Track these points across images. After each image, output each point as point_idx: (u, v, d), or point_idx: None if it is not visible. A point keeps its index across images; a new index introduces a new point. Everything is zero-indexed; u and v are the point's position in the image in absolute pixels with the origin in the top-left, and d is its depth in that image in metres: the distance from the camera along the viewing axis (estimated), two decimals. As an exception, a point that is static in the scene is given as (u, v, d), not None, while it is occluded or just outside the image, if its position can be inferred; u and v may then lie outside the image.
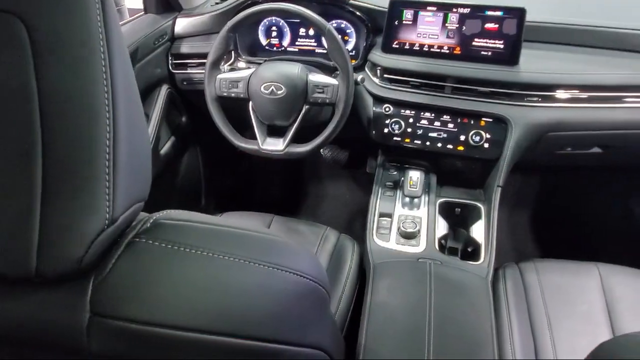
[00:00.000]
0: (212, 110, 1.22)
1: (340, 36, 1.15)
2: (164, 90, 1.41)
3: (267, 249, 0.47)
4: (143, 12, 1.40)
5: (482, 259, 1.09)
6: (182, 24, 1.42)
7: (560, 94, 1.15)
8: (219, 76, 1.20)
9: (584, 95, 1.15)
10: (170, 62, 1.43)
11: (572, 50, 1.22)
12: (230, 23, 1.15)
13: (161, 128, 1.39)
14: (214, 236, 0.45)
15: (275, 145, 1.20)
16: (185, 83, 1.45)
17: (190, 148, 1.65)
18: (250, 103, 1.20)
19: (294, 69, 1.16)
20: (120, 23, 0.40)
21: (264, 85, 1.15)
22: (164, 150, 1.43)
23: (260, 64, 1.22)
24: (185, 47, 1.42)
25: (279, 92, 1.14)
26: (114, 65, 0.38)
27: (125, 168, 0.39)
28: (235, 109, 1.26)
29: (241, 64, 1.38)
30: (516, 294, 1.06)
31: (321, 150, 1.90)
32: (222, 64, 1.26)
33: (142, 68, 1.31)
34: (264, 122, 1.22)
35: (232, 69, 1.28)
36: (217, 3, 1.43)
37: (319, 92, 1.15)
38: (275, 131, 1.24)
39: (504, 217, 1.79)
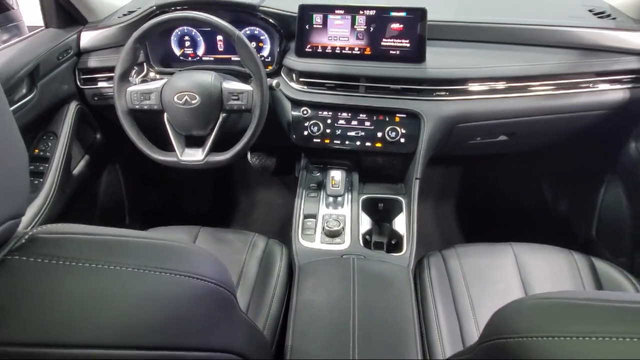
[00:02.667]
0: (124, 124, 1.18)
1: (251, 42, 1.15)
2: (72, 106, 1.34)
3: (159, 255, 0.46)
4: (43, 27, 1.33)
5: (404, 250, 1.13)
6: (88, 38, 1.36)
7: (465, 87, 1.22)
8: (129, 89, 1.16)
9: (488, 87, 1.23)
10: (78, 77, 1.37)
11: (473, 46, 1.29)
12: (135, 34, 1.12)
13: (72, 147, 1.32)
14: (99, 246, 0.43)
15: (194, 156, 1.18)
16: (96, 98, 1.39)
17: (109, 165, 1.58)
18: (165, 114, 1.17)
19: (207, 77, 1.15)
20: (18, 39, 0.37)
21: (177, 95, 1.13)
22: (77, 169, 1.36)
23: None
24: (93, 61, 1.36)
25: (193, 102, 1.12)
26: None
27: None
28: (152, 121, 1.22)
29: (154, 76, 1.34)
30: (440, 281, 1.10)
31: (249, 158, 1.88)
32: (133, 76, 1.22)
33: (46, 85, 1.24)
34: (181, 133, 1.20)
35: (144, 81, 1.24)
36: (124, 15, 1.39)
37: (234, 99, 1.15)
38: (195, 141, 1.22)
39: (430, 208, 1.86)
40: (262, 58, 1.38)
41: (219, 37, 1.38)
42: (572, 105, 1.25)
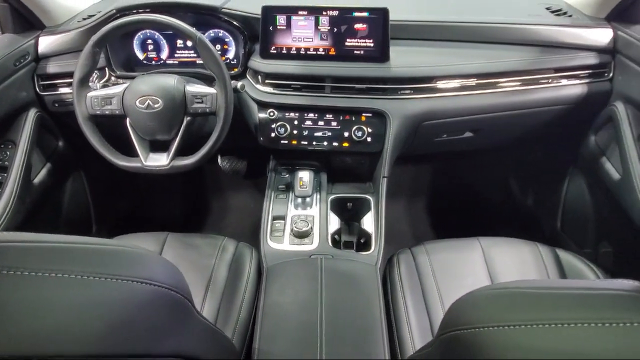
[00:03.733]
0: (85, 130, 1.15)
1: (215, 45, 1.13)
2: (31, 114, 1.30)
3: (105, 260, 0.45)
4: (-1, 33, 1.29)
5: (372, 248, 1.13)
6: (46, 43, 1.33)
7: (429, 85, 1.24)
8: (90, 94, 1.13)
9: (451, 85, 1.24)
10: (37, 83, 1.33)
11: (436, 44, 1.31)
12: (94, 38, 1.10)
13: (32, 155, 1.29)
14: (40, 254, 0.42)
15: (158, 161, 1.15)
16: (56, 105, 1.36)
17: (73, 173, 1.54)
18: (128, 119, 1.15)
19: (169, 81, 1.13)
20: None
21: (139, 100, 1.11)
22: (38, 178, 1.32)
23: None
24: (52, 67, 1.33)
25: (155, 106, 1.10)
26: None
27: None
28: (116, 127, 1.20)
29: (116, 81, 1.31)
30: (410, 277, 1.11)
31: (219, 162, 1.86)
32: (95, 81, 1.19)
33: (3, 92, 1.21)
34: (144, 138, 1.17)
35: (105, 86, 1.22)
36: (84, 19, 1.36)
37: (198, 102, 1.13)
38: (160, 146, 1.19)
39: (400, 207, 1.88)
40: (227, 60, 1.37)
41: (183, 40, 1.37)
42: (533, 101, 1.28)
